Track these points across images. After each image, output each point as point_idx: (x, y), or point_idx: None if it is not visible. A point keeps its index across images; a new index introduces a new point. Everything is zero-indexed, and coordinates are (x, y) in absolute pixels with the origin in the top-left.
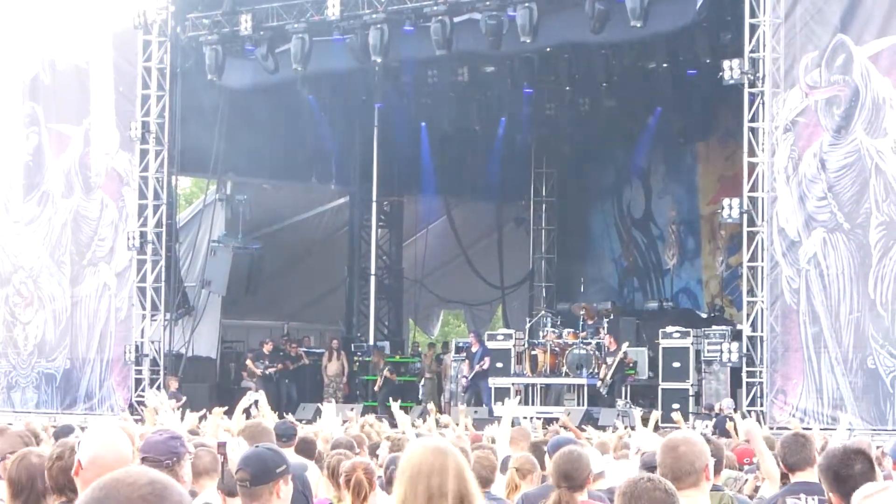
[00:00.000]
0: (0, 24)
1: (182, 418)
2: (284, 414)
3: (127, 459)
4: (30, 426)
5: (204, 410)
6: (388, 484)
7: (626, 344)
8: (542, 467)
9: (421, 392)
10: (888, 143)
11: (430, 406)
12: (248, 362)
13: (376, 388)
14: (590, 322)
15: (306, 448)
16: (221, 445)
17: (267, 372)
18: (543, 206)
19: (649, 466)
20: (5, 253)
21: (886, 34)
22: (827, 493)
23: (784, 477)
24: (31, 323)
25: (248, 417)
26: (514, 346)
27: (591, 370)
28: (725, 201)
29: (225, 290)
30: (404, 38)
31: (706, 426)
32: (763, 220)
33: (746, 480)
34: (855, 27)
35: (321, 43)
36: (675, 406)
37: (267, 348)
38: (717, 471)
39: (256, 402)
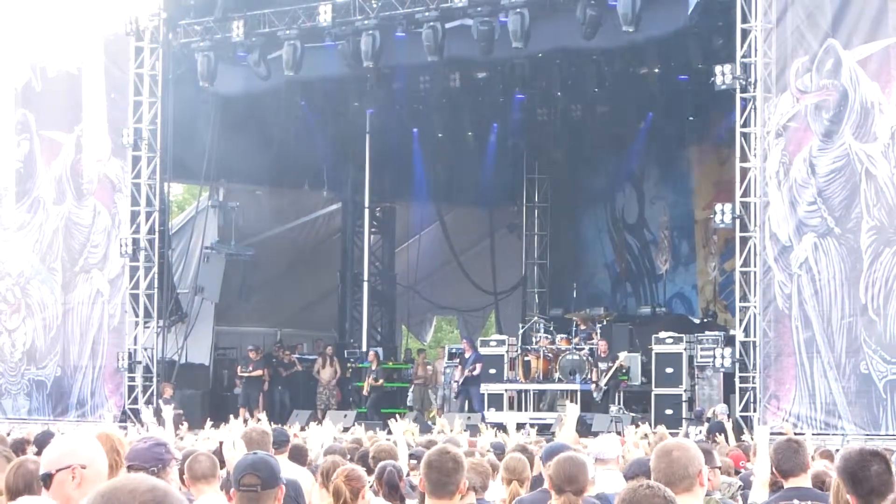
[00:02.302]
0: None
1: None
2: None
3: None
4: (30, 435)
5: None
6: (382, 488)
7: (624, 353)
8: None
9: (410, 398)
10: (878, 147)
11: (456, 421)
12: (238, 369)
13: (365, 393)
14: (583, 328)
15: (298, 454)
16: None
17: (243, 374)
18: (536, 211)
19: (632, 476)
20: None
21: (875, 38)
22: (844, 494)
23: (776, 483)
24: (18, 330)
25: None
26: (507, 351)
27: (584, 376)
28: (718, 206)
29: (218, 297)
30: (396, 44)
31: (699, 432)
32: (755, 225)
33: (740, 486)
34: (844, 31)
35: (313, 49)
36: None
37: (252, 354)
38: None
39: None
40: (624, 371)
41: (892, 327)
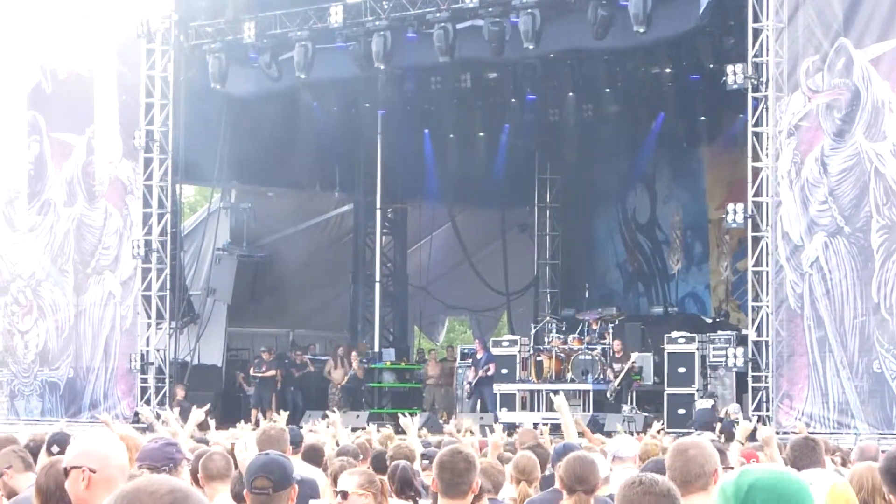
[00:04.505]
0: (1, 32)
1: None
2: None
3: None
4: (37, 437)
5: (208, 405)
6: (395, 485)
7: (636, 354)
8: (543, 469)
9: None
10: (888, 146)
11: (466, 423)
12: (251, 370)
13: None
14: (595, 327)
15: (314, 455)
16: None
17: (256, 375)
18: (548, 211)
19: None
20: (3, 261)
21: (887, 38)
22: (887, 494)
23: None
24: (31, 332)
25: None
26: (520, 352)
27: (596, 376)
28: (730, 206)
29: (230, 298)
30: (407, 44)
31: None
32: (767, 224)
33: None
34: (855, 31)
35: (324, 50)
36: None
37: (265, 355)
38: None
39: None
40: (636, 371)
41: None
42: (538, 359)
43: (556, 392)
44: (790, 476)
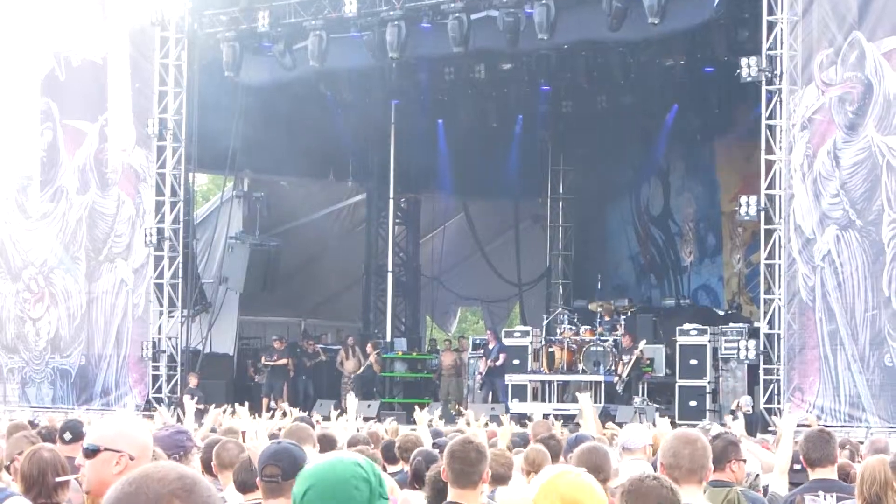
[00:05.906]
0: (15, 19)
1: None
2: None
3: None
4: (53, 423)
5: (225, 406)
6: (413, 479)
7: (643, 342)
8: (556, 460)
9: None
10: None
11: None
12: (263, 358)
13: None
14: (607, 319)
15: (326, 444)
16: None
17: (268, 363)
18: (560, 203)
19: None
20: (16, 248)
21: None
22: (870, 487)
23: (797, 473)
24: (42, 319)
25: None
26: (531, 343)
27: (608, 367)
28: (743, 199)
29: (242, 287)
30: (421, 35)
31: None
32: (780, 217)
33: (758, 475)
34: (868, 24)
35: (338, 40)
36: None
37: (276, 344)
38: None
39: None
40: (647, 363)
41: None
42: (550, 350)
43: (579, 389)
44: (336, 461)
